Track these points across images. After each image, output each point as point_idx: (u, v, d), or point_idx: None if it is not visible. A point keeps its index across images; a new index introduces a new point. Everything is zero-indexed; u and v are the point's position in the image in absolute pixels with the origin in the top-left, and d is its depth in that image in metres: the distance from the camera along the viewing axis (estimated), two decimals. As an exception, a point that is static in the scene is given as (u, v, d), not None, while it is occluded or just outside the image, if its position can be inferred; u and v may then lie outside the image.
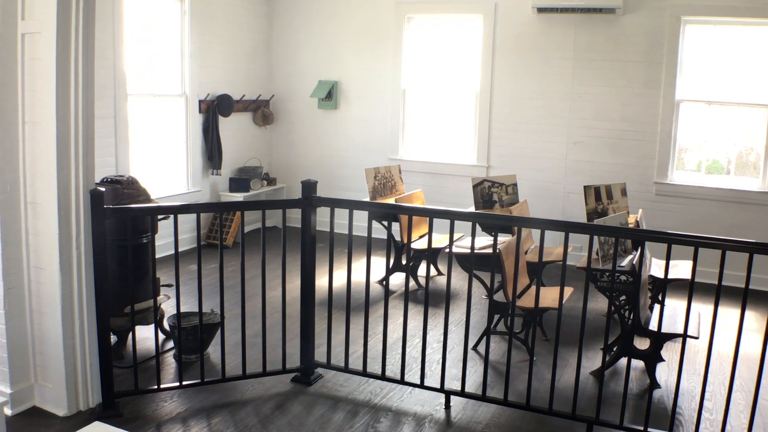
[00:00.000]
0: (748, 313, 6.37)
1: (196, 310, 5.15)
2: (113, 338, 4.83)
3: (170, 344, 5.21)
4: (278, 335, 4.73)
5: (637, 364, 5.12)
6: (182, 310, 5.56)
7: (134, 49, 7.30)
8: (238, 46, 8.78)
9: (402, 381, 4.54)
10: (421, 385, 4.48)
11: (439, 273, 7.38)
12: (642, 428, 4.01)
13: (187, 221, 7.58)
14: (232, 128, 8.74)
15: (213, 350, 5.07)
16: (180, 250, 5.96)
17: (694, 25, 7.49)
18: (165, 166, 7.93)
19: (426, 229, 6.89)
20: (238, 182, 8.61)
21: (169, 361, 4.97)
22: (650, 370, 4.88)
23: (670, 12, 7.43)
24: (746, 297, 3.72)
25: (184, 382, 4.43)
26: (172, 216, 4.32)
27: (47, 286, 3.99)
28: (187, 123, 8.06)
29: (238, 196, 8.49)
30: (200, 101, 8.15)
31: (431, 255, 7.05)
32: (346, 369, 4.67)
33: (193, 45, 7.95)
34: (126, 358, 4.86)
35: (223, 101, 8.38)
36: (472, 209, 6.93)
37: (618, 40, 7.68)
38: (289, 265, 4.66)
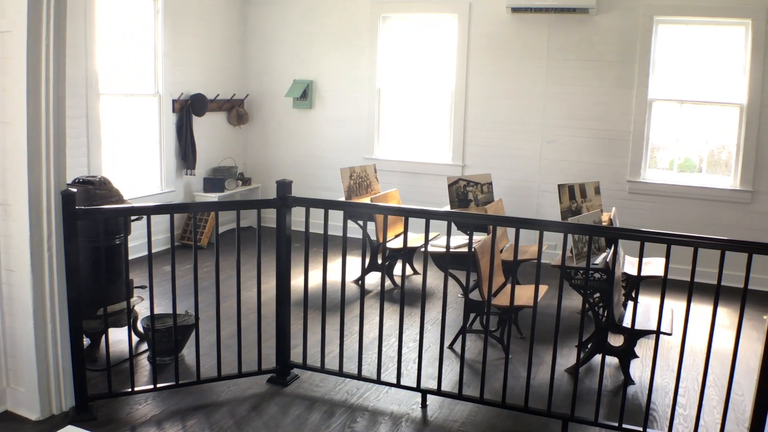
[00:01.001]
0: (721, 310, 6.46)
1: (170, 311, 5.09)
2: (86, 341, 4.76)
3: (144, 346, 5.17)
4: (254, 336, 4.70)
5: (612, 360, 5.18)
6: (156, 311, 5.48)
7: (107, 47, 7.22)
8: (213, 44, 8.73)
9: (378, 381, 4.54)
10: (398, 385, 4.48)
11: (415, 272, 7.39)
12: (616, 424, 4.05)
13: (160, 222, 7.52)
14: (206, 128, 8.68)
15: (188, 352, 5.03)
16: (153, 251, 5.92)
17: (667, 25, 7.58)
18: (138, 167, 7.85)
19: (401, 229, 6.89)
20: (213, 182, 8.56)
21: (143, 364, 4.92)
22: (624, 366, 4.93)
23: (643, 12, 7.51)
24: (718, 293, 3.76)
25: (158, 385, 4.39)
26: (145, 217, 4.27)
27: (19, 288, 3.93)
28: (160, 122, 7.99)
29: (213, 196, 8.43)
30: (174, 100, 8.08)
31: (407, 254, 7.09)
32: (322, 369, 4.66)
33: (167, 44, 7.88)
34: (99, 361, 4.80)
35: (196, 100, 8.32)
36: (447, 208, 6.94)
37: (591, 39, 7.74)
38: (265, 265, 4.64)
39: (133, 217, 4.98)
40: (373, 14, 8.61)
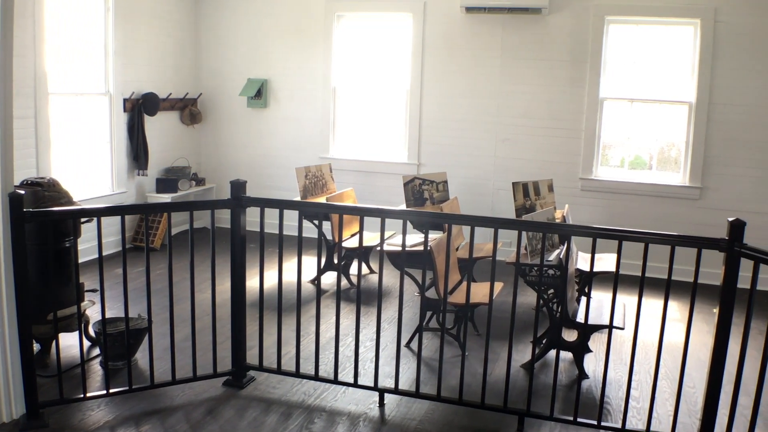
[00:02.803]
0: (672, 304, 6.61)
1: (123, 315, 5.00)
2: (36, 346, 4.66)
3: (96, 351, 5.07)
4: (208, 339, 4.65)
5: (566, 355, 5.25)
6: (108, 315, 5.39)
7: (56, 46, 7.05)
8: (165, 42, 8.60)
9: (335, 381, 4.53)
10: (355, 384, 4.47)
11: (371, 271, 7.40)
12: (572, 419, 4.11)
13: (111, 224, 7.35)
14: (159, 127, 8.55)
15: (141, 356, 4.94)
16: (104, 253, 5.81)
17: (618, 25, 7.72)
18: (88, 168, 7.68)
19: (357, 228, 6.88)
20: (166, 183, 8.43)
21: (96, 369, 4.83)
22: (578, 361, 5.00)
23: (594, 12, 7.63)
24: (669, 288, 3.84)
25: (111, 390, 4.31)
26: (95, 219, 4.19)
27: (-37, 293, 3.82)
28: (111, 122, 7.84)
29: (166, 197, 8.31)
30: (125, 100, 7.94)
31: (363, 253, 7.08)
32: (278, 371, 4.62)
33: (117, 42, 7.73)
34: (50, 367, 4.69)
35: (148, 100, 8.18)
36: (403, 207, 6.96)
37: (544, 39, 7.84)
38: (219, 266, 4.59)
39: (83, 219, 4.88)
40: (327, 13, 8.58)
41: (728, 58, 7.32)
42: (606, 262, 6.18)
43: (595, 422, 4.09)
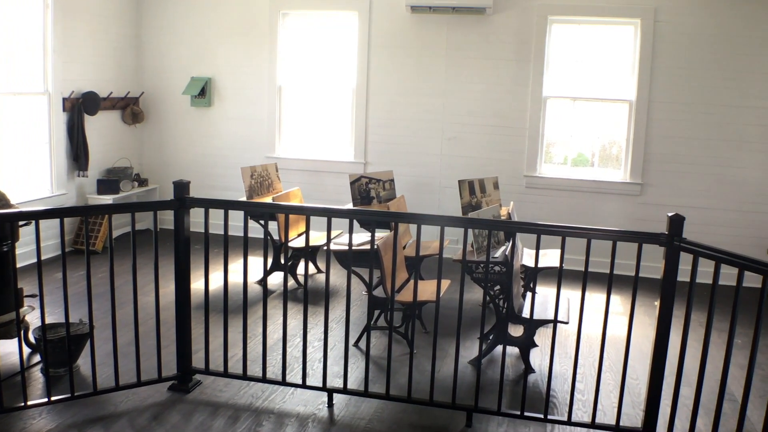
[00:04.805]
0: (614, 298, 6.75)
1: (63, 320, 4.88)
2: (-29, 354, 4.51)
3: (36, 358, 4.93)
4: (153, 343, 4.55)
5: (513, 350, 5.31)
6: (48, 321, 5.26)
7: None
8: (106, 40, 8.40)
9: (284, 382, 4.49)
10: (303, 385, 4.45)
11: (319, 271, 7.37)
12: (519, 413, 4.16)
13: (51, 227, 7.17)
14: (100, 127, 8.35)
15: (83, 362, 4.82)
16: (43, 257, 5.66)
17: (560, 25, 7.85)
18: (26, 169, 7.46)
19: (304, 227, 6.85)
20: (107, 184, 8.25)
21: (36, 376, 4.69)
22: (525, 356, 5.07)
23: (538, 12, 7.74)
24: (611, 282, 3.92)
25: (53, 398, 4.19)
26: (33, 222, 4.06)
27: None
28: (50, 122, 7.62)
29: (107, 199, 8.13)
30: (64, 99, 7.73)
31: (310, 253, 7.05)
32: (225, 373, 4.56)
33: (57, 40, 7.52)
34: (-14, 375, 4.54)
35: (89, 99, 7.99)
36: (350, 206, 6.95)
37: (488, 38, 7.91)
38: (163, 269, 4.51)
39: (21, 222, 4.74)
40: (272, 10, 8.51)
41: (667, 57, 7.51)
42: (550, 257, 6.28)
43: (541, 416, 4.15)
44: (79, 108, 7.88)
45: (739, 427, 3.47)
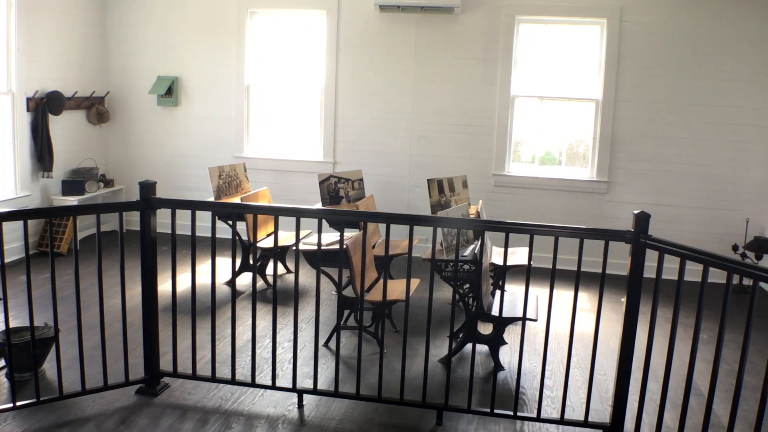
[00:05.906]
0: (582, 294, 6.81)
1: (28, 324, 4.79)
2: (-69, 360, 4.41)
3: (1, 363, 4.83)
4: (119, 346, 4.50)
5: (482, 348, 5.34)
6: (12, 325, 5.18)
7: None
8: (71, 39, 8.26)
9: (253, 384, 4.46)
10: (273, 386, 4.42)
11: (288, 271, 7.33)
12: (488, 410, 4.18)
13: (14, 228, 7.04)
14: (64, 127, 8.22)
15: (49, 366, 4.73)
16: (7, 260, 5.55)
17: (528, 24, 7.90)
18: (-12, 170, 7.33)
19: (273, 228, 6.81)
20: (72, 185, 8.12)
21: (1, 381, 4.60)
22: (494, 353, 5.09)
23: (505, 11, 7.78)
24: (579, 279, 3.96)
25: (18, 403, 4.11)
26: (-6, 224, 3.98)
27: None
28: (14, 122, 7.48)
29: (72, 200, 8.00)
30: (28, 99, 7.59)
31: (279, 253, 7.02)
32: (193, 376, 4.52)
33: (20, 38, 7.38)
34: (-53, 381, 4.45)
35: (53, 98, 7.85)
36: (319, 206, 6.92)
37: (457, 38, 7.94)
38: (129, 271, 4.45)
39: (-19, 225, 4.64)
40: (240, 9, 8.44)
41: (633, 57, 7.60)
42: (519, 255, 6.32)
43: (511, 413, 4.17)
44: (44, 108, 7.74)
45: (706, 421, 3.52)
